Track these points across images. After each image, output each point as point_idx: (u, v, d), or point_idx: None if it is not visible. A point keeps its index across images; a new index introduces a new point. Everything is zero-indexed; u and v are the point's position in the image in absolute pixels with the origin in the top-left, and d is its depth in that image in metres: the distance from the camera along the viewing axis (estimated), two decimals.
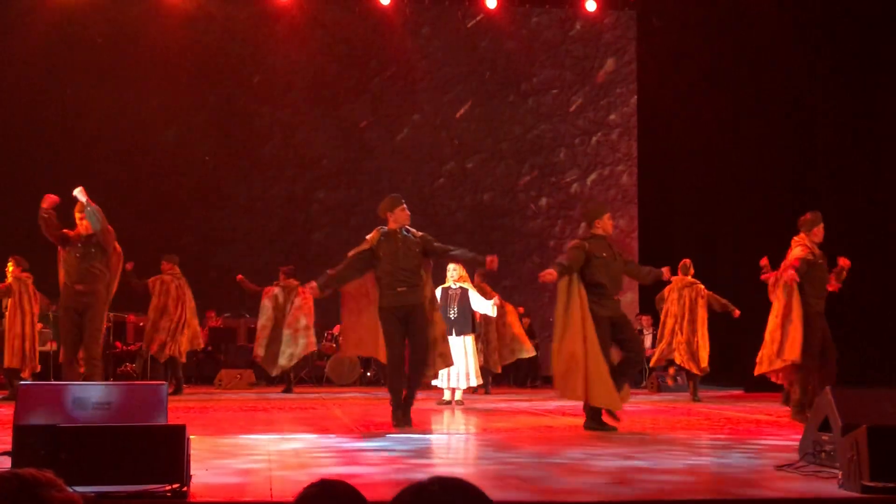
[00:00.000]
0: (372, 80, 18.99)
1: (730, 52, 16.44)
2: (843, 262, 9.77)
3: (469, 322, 11.75)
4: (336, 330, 16.93)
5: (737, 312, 12.62)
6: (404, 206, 8.82)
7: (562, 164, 19.42)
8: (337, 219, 18.59)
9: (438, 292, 11.36)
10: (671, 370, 15.15)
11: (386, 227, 8.76)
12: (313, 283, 8.87)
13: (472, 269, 11.88)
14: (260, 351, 14.20)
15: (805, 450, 5.73)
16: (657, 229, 18.41)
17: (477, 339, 12.35)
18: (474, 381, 11.76)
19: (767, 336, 9.43)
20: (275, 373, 14.33)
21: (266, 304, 14.33)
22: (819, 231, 9.49)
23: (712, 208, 16.47)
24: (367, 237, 8.80)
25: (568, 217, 19.32)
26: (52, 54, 17.54)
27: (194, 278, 14.97)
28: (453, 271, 11.80)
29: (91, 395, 5.17)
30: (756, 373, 9.72)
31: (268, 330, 14.15)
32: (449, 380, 11.46)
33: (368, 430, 8.30)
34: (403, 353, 8.48)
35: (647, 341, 16.71)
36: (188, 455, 4.49)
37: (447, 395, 11.68)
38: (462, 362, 11.48)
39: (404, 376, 8.40)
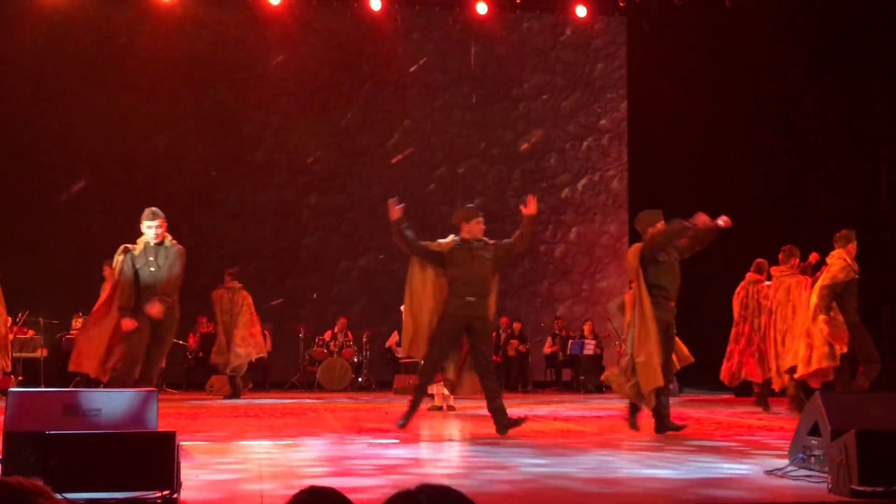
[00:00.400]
0: (363, 85, 18.99)
1: (720, 56, 16.49)
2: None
3: None
4: (327, 335, 16.94)
5: None
6: (480, 219, 8.94)
7: (552, 169, 19.44)
8: (328, 224, 18.59)
9: None
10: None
11: (459, 237, 8.68)
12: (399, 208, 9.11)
13: None
14: (218, 359, 14.22)
15: (795, 454, 5.74)
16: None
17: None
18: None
19: (817, 339, 9.72)
20: (229, 372, 14.22)
21: (215, 310, 14.39)
22: (854, 247, 9.91)
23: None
24: (441, 241, 8.87)
25: (559, 222, 19.33)
26: (43, 60, 17.50)
27: (185, 283, 14.93)
28: None
29: (81, 401, 5.17)
30: (803, 373, 9.92)
31: (220, 335, 14.19)
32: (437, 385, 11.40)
33: (359, 435, 8.30)
34: (446, 360, 8.60)
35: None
36: (179, 461, 4.49)
37: (437, 401, 11.59)
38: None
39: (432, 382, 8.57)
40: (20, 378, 14.21)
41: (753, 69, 15.86)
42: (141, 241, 8.79)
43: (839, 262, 9.93)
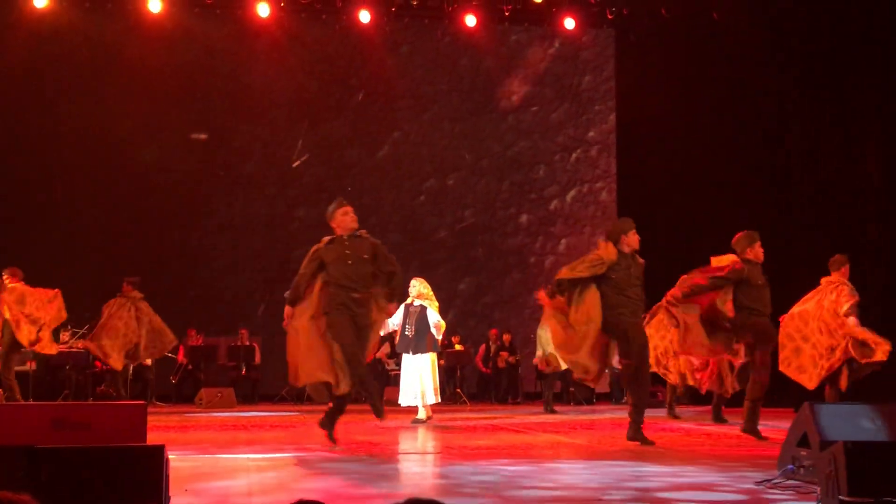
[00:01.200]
0: (352, 97, 19.00)
1: (708, 69, 16.55)
2: None
3: (425, 340, 11.57)
4: None
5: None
6: (348, 209, 9.24)
7: (541, 180, 19.47)
8: (318, 236, 18.47)
9: (401, 310, 11.33)
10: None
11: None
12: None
13: None
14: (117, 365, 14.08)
15: (784, 465, 5.76)
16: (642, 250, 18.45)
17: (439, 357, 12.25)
18: (432, 399, 11.58)
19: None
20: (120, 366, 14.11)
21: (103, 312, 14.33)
22: (848, 269, 10.37)
23: (691, 226, 16.51)
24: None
25: (548, 233, 19.36)
26: (32, 70, 17.44)
27: (174, 296, 14.95)
28: (413, 288, 11.67)
29: (70, 415, 5.15)
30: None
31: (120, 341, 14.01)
32: (410, 398, 11.50)
33: (349, 449, 8.28)
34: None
35: None
36: (167, 475, 4.48)
37: (421, 414, 11.59)
38: (416, 382, 11.42)
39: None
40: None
41: (741, 82, 15.92)
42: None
43: (845, 287, 10.29)
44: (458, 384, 17.16)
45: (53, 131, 17.53)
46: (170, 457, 4.62)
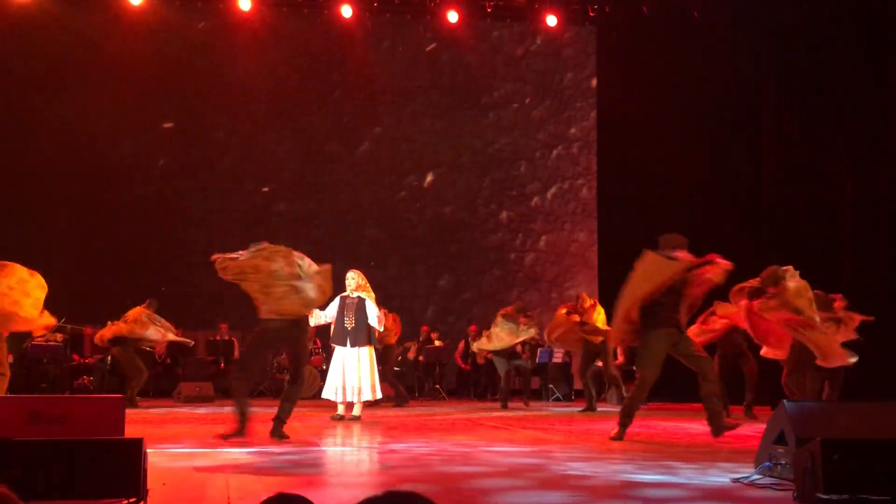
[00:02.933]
0: (333, 92, 18.97)
1: (688, 67, 16.60)
2: None
3: (365, 333, 11.18)
4: None
5: None
6: None
7: (522, 177, 19.48)
8: (297, 232, 18.50)
9: (336, 301, 11.14)
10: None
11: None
12: None
13: None
14: None
15: (761, 462, 5.78)
16: (616, 243, 18.47)
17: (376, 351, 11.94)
18: (369, 395, 11.13)
19: None
20: None
21: None
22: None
23: (671, 223, 16.52)
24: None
25: (528, 230, 19.37)
26: (9, 62, 17.35)
27: (151, 291, 14.87)
28: (351, 280, 11.29)
29: (47, 408, 5.13)
30: None
31: None
32: (344, 393, 11.00)
33: (327, 442, 8.27)
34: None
35: None
36: (145, 469, 4.46)
37: (340, 410, 11.13)
38: (355, 376, 10.99)
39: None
40: None
41: (722, 81, 15.98)
42: None
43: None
44: (437, 380, 17.18)
45: (30, 123, 17.41)
46: (148, 451, 4.60)
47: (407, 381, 17.36)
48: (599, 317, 13.35)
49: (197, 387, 14.95)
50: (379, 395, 11.41)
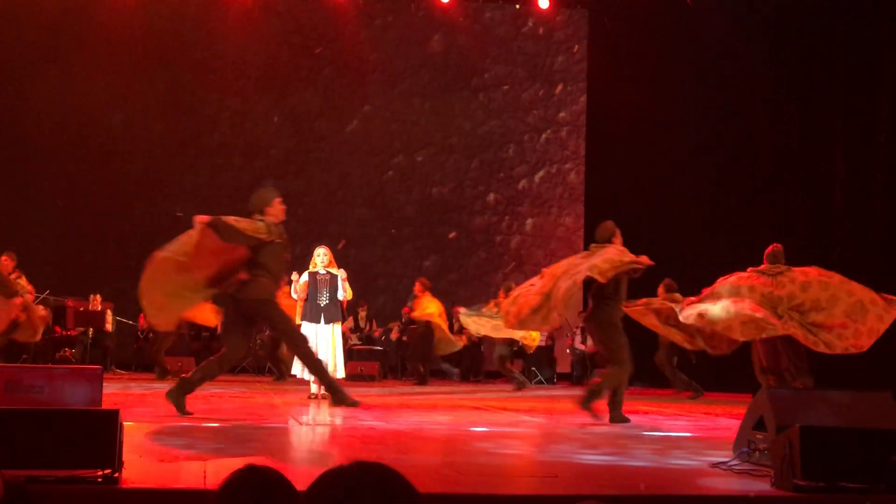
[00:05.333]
0: (323, 69, 18.89)
1: (680, 52, 16.57)
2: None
3: (339, 309, 11.06)
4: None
5: None
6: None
7: (510, 160, 19.46)
8: (285, 209, 18.46)
9: (305, 277, 11.04)
10: None
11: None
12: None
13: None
14: None
15: (740, 448, 5.78)
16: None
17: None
18: (342, 374, 11.00)
19: None
20: None
21: None
22: None
23: (659, 209, 16.58)
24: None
25: (515, 213, 19.36)
26: (1, 36, 17.25)
27: (136, 265, 14.79)
28: (324, 256, 11.06)
29: (24, 378, 5.09)
30: None
31: None
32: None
33: (308, 420, 8.26)
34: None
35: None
36: (121, 441, 4.42)
37: (314, 388, 10.89)
38: (330, 353, 10.79)
39: None
40: None
41: (713, 65, 15.94)
42: None
43: None
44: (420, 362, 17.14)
45: (20, 95, 17.31)
46: (124, 423, 4.57)
47: (390, 361, 17.37)
48: None
49: (179, 362, 14.91)
50: (342, 373, 11.19)
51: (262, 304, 8.27)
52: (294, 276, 11.24)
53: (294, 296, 11.11)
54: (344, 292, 11.06)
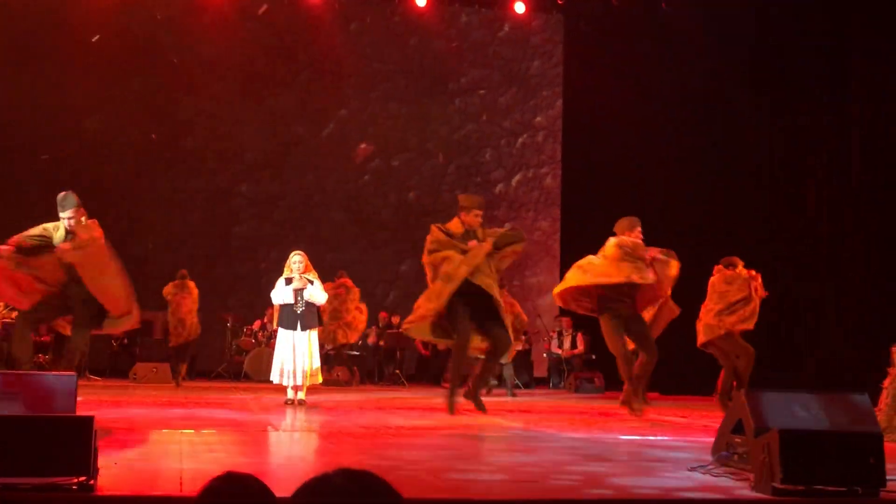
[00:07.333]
0: (300, 73, 18.85)
1: (655, 58, 16.63)
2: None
3: (316, 315, 10.92)
4: (256, 325, 16.80)
5: None
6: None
7: (487, 164, 19.48)
8: (260, 212, 18.41)
9: (281, 284, 10.90)
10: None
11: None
12: None
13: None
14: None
15: (718, 451, 5.78)
16: (579, 232, 18.51)
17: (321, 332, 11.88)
18: (318, 379, 10.96)
19: None
20: None
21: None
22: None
23: (634, 212, 16.54)
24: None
25: (492, 217, 19.33)
26: None
27: None
28: (300, 263, 10.87)
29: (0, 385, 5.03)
30: None
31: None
32: (294, 377, 10.62)
33: (284, 425, 8.22)
34: None
35: (567, 343, 16.83)
36: (96, 447, 4.37)
37: (290, 394, 10.80)
38: (307, 359, 10.67)
39: None
40: None
41: (688, 71, 16.00)
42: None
43: None
44: (397, 365, 17.14)
45: None
46: (97, 430, 4.52)
47: (367, 365, 17.33)
48: None
49: (154, 368, 14.80)
50: (319, 379, 11.08)
51: None
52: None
53: (276, 301, 11.00)
54: (320, 298, 10.98)
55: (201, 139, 18.39)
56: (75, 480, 4.23)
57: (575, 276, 10.30)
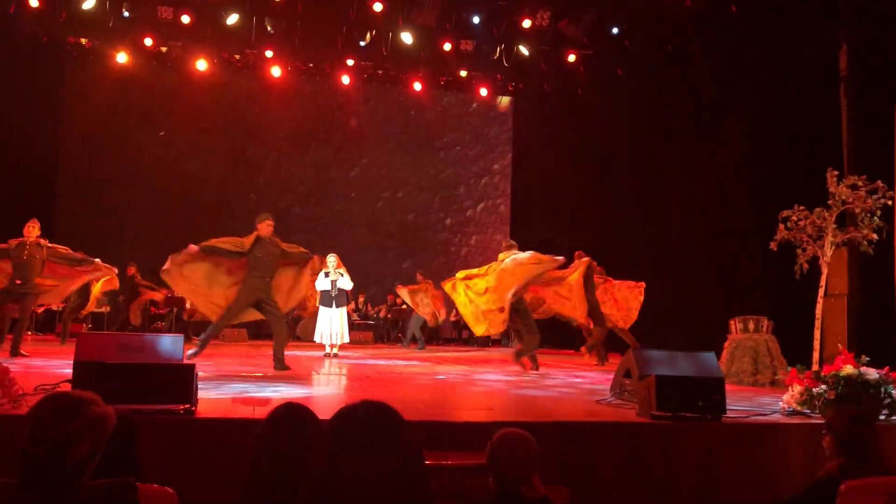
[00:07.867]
0: (334, 133, 18.80)
1: (576, 123, 16.53)
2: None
3: (345, 296, 11.23)
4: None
5: None
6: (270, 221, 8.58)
7: (461, 196, 19.47)
8: (307, 227, 18.33)
9: (322, 276, 10.99)
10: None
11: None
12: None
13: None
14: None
15: (614, 389, 5.81)
16: (522, 245, 18.36)
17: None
18: (346, 339, 11.17)
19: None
20: None
21: None
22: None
23: (563, 230, 16.35)
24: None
25: (464, 232, 19.39)
26: (112, 108, 16.99)
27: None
28: (334, 261, 11.17)
29: (130, 342, 5.03)
30: None
31: None
32: (331, 338, 10.90)
33: (321, 370, 8.15)
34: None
35: None
36: (196, 385, 4.38)
37: (328, 349, 11.03)
38: (339, 327, 10.91)
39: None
40: (89, 325, 13.77)
41: (601, 133, 15.76)
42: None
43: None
44: (399, 331, 17.10)
45: (127, 152, 17.11)
46: (199, 373, 4.51)
47: (378, 331, 17.29)
48: None
49: (236, 332, 14.59)
50: (347, 339, 11.27)
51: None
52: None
53: (318, 288, 11.22)
54: (347, 286, 11.19)
55: (268, 176, 18.31)
56: (182, 407, 4.23)
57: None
